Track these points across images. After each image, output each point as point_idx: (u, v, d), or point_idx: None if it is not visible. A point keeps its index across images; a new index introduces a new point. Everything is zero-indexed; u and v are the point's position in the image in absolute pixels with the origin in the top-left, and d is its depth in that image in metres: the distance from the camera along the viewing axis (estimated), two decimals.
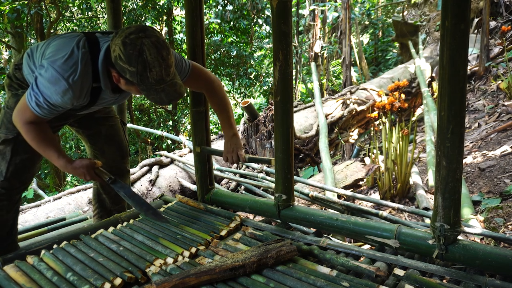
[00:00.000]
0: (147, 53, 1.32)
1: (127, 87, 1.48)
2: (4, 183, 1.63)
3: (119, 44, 1.33)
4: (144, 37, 1.33)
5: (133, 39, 1.32)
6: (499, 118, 4.79)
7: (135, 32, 1.34)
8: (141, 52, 1.31)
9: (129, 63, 1.33)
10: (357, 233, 1.56)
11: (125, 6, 7.55)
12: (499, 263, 1.24)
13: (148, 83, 1.36)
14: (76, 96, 1.45)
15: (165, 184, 3.43)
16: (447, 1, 1.14)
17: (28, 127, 1.49)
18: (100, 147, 1.92)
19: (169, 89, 1.40)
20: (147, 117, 8.98)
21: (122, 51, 1.32)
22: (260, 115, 4.23)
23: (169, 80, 1.39)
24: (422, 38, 8.96)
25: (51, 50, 1.45)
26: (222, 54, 8.72)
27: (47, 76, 1.39)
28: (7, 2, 5.45)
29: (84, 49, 1.43)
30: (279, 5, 1.54)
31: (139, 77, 1.35)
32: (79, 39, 1.46)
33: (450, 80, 1.18)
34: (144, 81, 1.36)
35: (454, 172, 1.24)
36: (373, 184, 3.72)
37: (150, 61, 1.32)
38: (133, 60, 1.32)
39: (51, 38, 1.57)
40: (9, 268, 1.39)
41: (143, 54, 1.31)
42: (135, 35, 1.33)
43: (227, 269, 1.27)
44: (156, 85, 1.37)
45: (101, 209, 2.05)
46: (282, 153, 1.68)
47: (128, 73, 1.35)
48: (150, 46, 1.32)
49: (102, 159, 1.93)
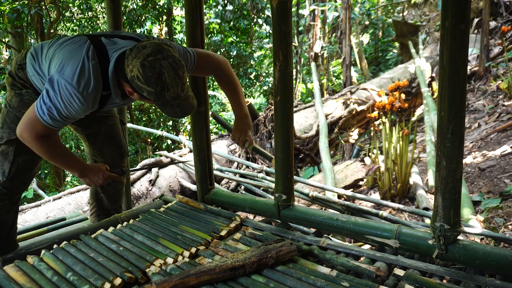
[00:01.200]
0: (166, 75, 1.36)
1: (140, 99, 1.52)
2: (6, 183, 1.63)
3: (138, 66, 1.36)
4: (162, 58, 1.36)
5: (152, 61, 1.35)
6: (499, 118, 4.79)
7: (153, 54, 1.36)
8: (160, 75, 1.35)
9: (147, 84, 1.36)
10: (357, 233, 1.56)
11: (125, 6, 7.55)
12: (499, 263, 1.24)
13: (164, 100, 1.41)
14: (89, 107, 1.47)
15: (165, 184, 3.43)
16: (447, 1, 1.14)
17: (40, 142, 1.48)
18: (99, 146, 1.92)
19: (183, 104, 1.45)
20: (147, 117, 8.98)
21: (141, 72, 1.35)
22: (260, 115, 4.23)
23: (183, 96, 1.44)
24: (422, 38, 8.96)
25: (59, 61, 1.44)
26: (222, 54, 8.72)
27: (61, 90, 1.40)
28: (7, 2, 5.45)
29: (94, 60, 1.44)
30: (279, 5, 1.54)
31: (156, 96, 1.39)
32: (87, 48, 1.45)
33: (450, 80, 1.17)
34: (161, 99, 1.40)
35: (454, 172, 1.24)
36: (373, 184, 3.72)
37: (168, 82, 1.37)
38: (152, 82, 1.36)
39: (55, 41, 1.56)
40: (9, 268, 1.39)
41: (162, 76, 1.36)
42: (153, 58, 1.36)
43: (227, 269, 1.27)
44: (172, 101, 1.42)
45: (99, 208, 2.05)
46: (282, 153, 1.68)
47: (146, 92, 1.39)
48: (169, 68, 1.37)
49: (100, 159, 1.94)
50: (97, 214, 2.06)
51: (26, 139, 1.48)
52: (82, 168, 1.66)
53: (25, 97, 1.59)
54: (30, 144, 1.50)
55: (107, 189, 2.01)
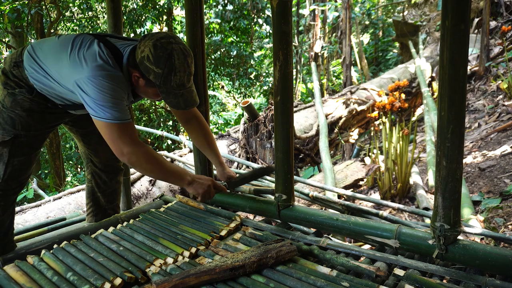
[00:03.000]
0: (176, 57, 1.40)
1: (145, 89, 1.53)
2: (1, 185, 1.60)
3: (150, 45, 1.39)
4: (175, 43, 1.41)
5: (164, 43, 1.40)
6: (499, 118, 4.79)
7: (166, 38, 1.42)
8: (170, 55, 1.39)
9: (156, 65, 1.39)
10: (357, 233, 1.56)
11: (125, 6, 7.55)
12: (499, 263, 1.24)
13: (169, 86, 1.43)
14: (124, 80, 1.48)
15: (165, 184, 3.43)
16: (447, 1, 1.14)
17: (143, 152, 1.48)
18: (93, 146, 1.90)
19: (187, 95, 1.47)
20: (147, 117, 8.98)
21: (152, 52, 1.39)
22: (260, 115, 4.23)
23: (188, 87, 1.46)
24: (422, 38, 8.96)
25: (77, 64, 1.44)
26: (222, 54, 8.72)
27: (94, 84, 1.40)
28: (7, 2, 5.45)
29: (107, 51, 1.46)
30: (279, 5, 1.54)
31: (162, 79, 1.41)
32: (98, 44, 1.46)
33: (450, 80, 1.17)
34: (166, 84, 1.42)
35: (454, 172, 1.24)
36: (373, 184, 3.72)
37: (177, 66, 1.40)
38: (161, 62, 1.39)
39: (56, 38, 1.55)
40: (9, 268, 1.39)
41: (172, 57, 1.39)
42: (166, 40, 1.41)
43: (227, 269, 1.27)
44: (176, 90, 1.44)
45: (95, 207, 2.03)
46: (282, 153, 1.68)
47: (153, 74, 1.41)
48: (179, 52, 1.41)
49: (96, 158, 1.93)
50: (94, 214, 2.04)
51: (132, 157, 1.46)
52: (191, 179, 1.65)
53: (18, 96, 1.54)
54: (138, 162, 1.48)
55: (104, 188, 2.00)
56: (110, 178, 1.99)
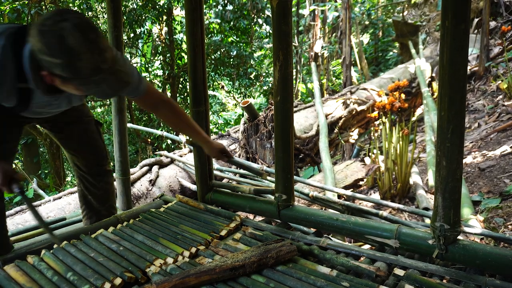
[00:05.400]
0: (71, 38, 1.11)
1: (64, 86, 1.26)
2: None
3: (35, 34, 1.12)
4: (62, 20, 1.12)
5: (50, 25, 1.11)
6: (499, 118, 4.79)
7: (52, 17, 1.13)
8: (61, 37, 1.11)
9: (52, 55, 1.12)
10: (357, 233, 1.56)
11: (125, 6, 7.55)
12: (499, 263, 1.24)
13: (82, 75, 1.16)
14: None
15: (165, 184, 3.43)
16: (447, 1, 1.14)
17: None
18: (74, 151, 1.86)
19: (110, 78, 1.21)
20: (147, 117, 8.97)
21: (41, 41, 1.12)
22: (260, 115, 4.23)
23: (107, 68, 1.19)
24: (422, 38, 8.96)
25: None
26: (222, 54, 8.71)
27: None
28: (7, 2, 5.45)
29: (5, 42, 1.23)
30: (279, 5, 1.54)
31: (69, 70, 1.14)
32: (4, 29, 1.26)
33: (450, 80, 1.18)
34: (78, 74, 1.15)
35: (454, 172, 1.24)
36: (373, 184, 3.72)
37: (75, 48, 1.11)
38: (55, 50, 1.12)
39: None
40: (9, 268, 1.39)
41: (64, 40, 1.11)
42: (52, 20, 1.12)
43: (227, 269, 1.27)
44: (93, 76, 1.17)
45: (89, 210, 2.00)
46: (282, 153, 1.68)
47: (56, 68, 1.15)
48: (72, 30, 1.11)
49: (78, 162, 1.88)
50: (89, 217, 2.01)
51: None
52: None
53: None
54: None
55: (93, 191, 1.95)
56: (98, 180, 1.94)
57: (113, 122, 2.35)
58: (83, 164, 1.89)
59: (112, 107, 2.36)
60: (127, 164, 2.45)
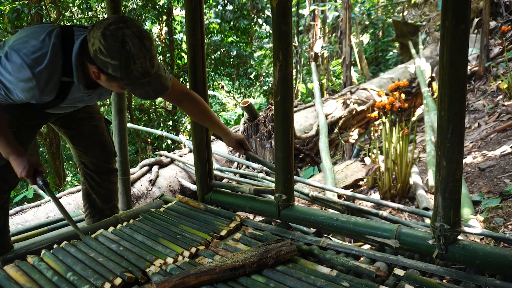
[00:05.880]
0: (130, 44, 1.24)
1: (108, 84, 1.39)
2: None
3: (99, 36, 1.24)
4: (125, 27, 1.25)
5: (114, 30, 1.24)
6: (499, 118, 4.79)
7: (115, 23, 1.25)
8: (123, 43, 1.23)
9: (111, 57, 1.25)
10: (357, 233, 1.56)
11: (125, 6, 7.55)
12: (499, 263, 1.24)
13: (132, 76, 1.29)
14: (40, 88, 1.35)
15: (165, 184, 3.43)
16: (447, 1, 1.14)
17: None
18: (83, 147, 1.88)
19: (155, 82, 1.34)
20: (147, 117, 8.98)
21: (103, 43, 1.24)
22: (260, 115, 4.23)
23: (154, 73, 1.33)
24: (422, 38, 8.96)
25: (19, 37, 1.36)
26: (222, 54, 8.72)
27: (11, 61, 1.30)
28: (7, 2, 5.45)
29: (56, 40, 1.34)
30: (279, 5, 1.54)
31: (122, 71, 1.27)
32: (51, 29, 1.37)
33: (450, 80, 1.18)
34: (129, 75, 1.28)
35: (454, 172, 1.24)
36: (373, 184, 3.72)
37: (134, 53, 1.25)
38: (115, 52, 1.24)
39: (25, 28, 1.47)
40: (9, 268, 1.39)
41: (125, 45, 1.24)
42: (115, 26, 1.24)
43: (227, 269, 1.27)
44: (141, 79, 1.30)
45: (92, 209, 2.02)
46: (282, 153, 1.68)
47: (111, 68, 1.27)
48: (133, 37, 1.25)
49: (86, 159, 1.90)
50: (91, 215, 2.02)
51: None
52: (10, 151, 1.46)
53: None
54: None
55: (98, 190, 1.97)
56: (103, 179, 1.97)
57: (113, 122, 2.35)
58: (90, 161, 1.91)
59: (112, 107, 2.36)
60: (127, 164, 2.45)
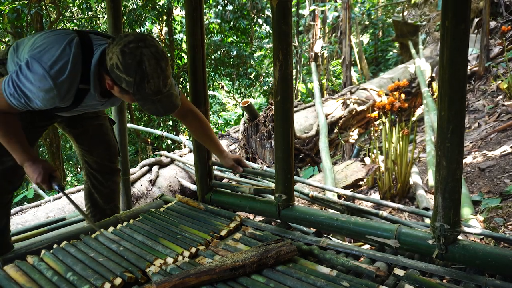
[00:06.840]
0: (147, 63, 1.29)
1: (120, 95, 1.43)
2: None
3: (117, 52, 1.29)
4: (144, 47, 1.30)
5: (132, 48, 1.28)
6: (499, 118, 4.79)
7: (135, 41, 1.30)
8: (140, 62, 1.28)
9: (126, 73, 1.29)
10: (357, 233, 1.56)
11: (125, 6, 7.55)
12: (499, 263, 1.24)
13: (144, 93, 1.33)
14: (60, 97, 1.38)
15: (165, 184, 3.43)
16: (447, 1, 1.14)
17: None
18: (87, 147, 1.89)
19: (165, 100, 1.38)
20: (147, 117, 8.97)
21: (120, 60, 1.28)
22: (260, 115, 4.23)
23: (166, 92, 1.36)
24: (422, 38, 8.96)
25: (40, 45, 1.38)
26: (222, 54, 8.72)
27: (32, 71, 1.32)
28: (7, 2, 5.45)
29: (76, 50, 1.38)
30: (279, 5, 1.54)
31: (135, 87, 1.31)
32: (71, 38, 1.40)
33: (450, 80, 1.18)
34: (141, 92, 1.32)
35: (454, 172, 1.24)
36: (373, 184, 3.72)
37: (149, 72, 1.29)
38: (131, 70, 1.29)
39: (39, 32, 1.50)
40: (9, 268, 1.39)
41: (142, 65, 1.28)
42: (135, 44, 1.29)
43: (227, 269, 1.27)
44: (153, 96, 1.34)
45: (94, 209, 2.03)
46: (282, 153, 1.68)
47: (125, 83, 1.32)
48: (150, 57, 1.29)
49: (90, 159, 1.92)
50: (93, 215, 2.04)
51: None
52: (25, 158, 1.50)
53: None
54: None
55: (100, 189, 1.99)
56: (106, 178, 1.98)
57: None
58: (94, 160, 1.92)
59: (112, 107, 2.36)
60: (127, 164, 2.45)
